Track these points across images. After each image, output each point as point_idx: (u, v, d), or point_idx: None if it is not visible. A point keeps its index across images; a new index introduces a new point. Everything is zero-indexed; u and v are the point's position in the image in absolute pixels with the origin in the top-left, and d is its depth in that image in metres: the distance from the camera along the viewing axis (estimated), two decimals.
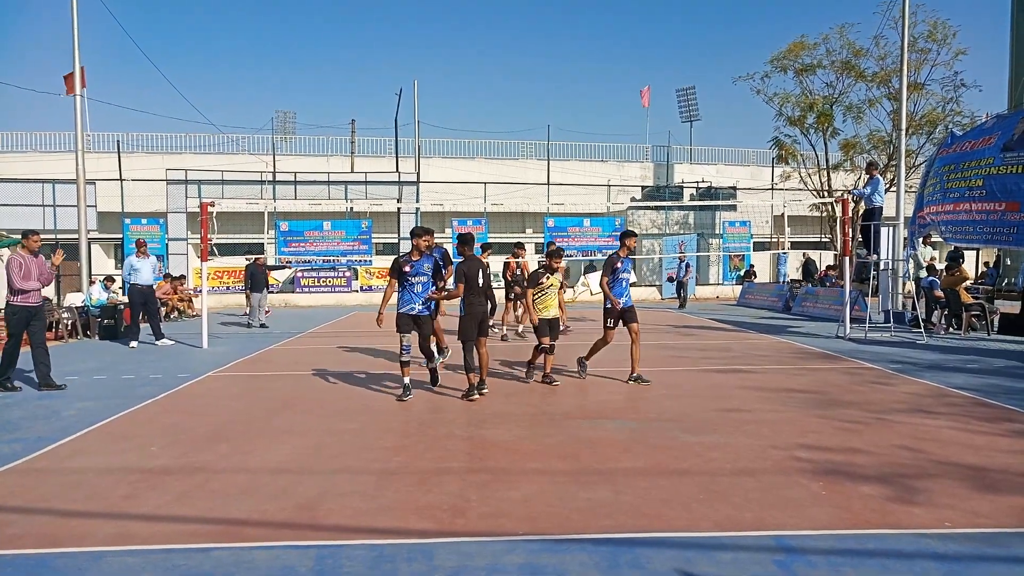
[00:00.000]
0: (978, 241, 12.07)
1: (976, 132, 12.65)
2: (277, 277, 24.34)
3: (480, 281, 7.71)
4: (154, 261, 13.19)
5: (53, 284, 23.15)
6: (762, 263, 29.54)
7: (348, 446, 5.84)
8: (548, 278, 8.45)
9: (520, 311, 13.47)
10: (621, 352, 8.84)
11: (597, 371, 8.97)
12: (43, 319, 8.78)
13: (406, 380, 7.63)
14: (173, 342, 12.68)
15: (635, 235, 8.61)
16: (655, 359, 10.57)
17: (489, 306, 8.11)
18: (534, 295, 8.43)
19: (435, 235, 8.54)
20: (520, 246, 13.77)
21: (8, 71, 69.02)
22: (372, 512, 4.30)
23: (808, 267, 23.84)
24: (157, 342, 12.58)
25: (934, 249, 16.90)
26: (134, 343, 12.52)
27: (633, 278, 22.99)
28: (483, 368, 7.76)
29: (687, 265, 21.85)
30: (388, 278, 7.91)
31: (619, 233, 8.78)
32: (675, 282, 21.85)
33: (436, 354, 8.34)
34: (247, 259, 17.01)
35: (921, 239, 14.08)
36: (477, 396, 7.50)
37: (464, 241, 7.86)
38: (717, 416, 6.74)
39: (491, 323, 8.35)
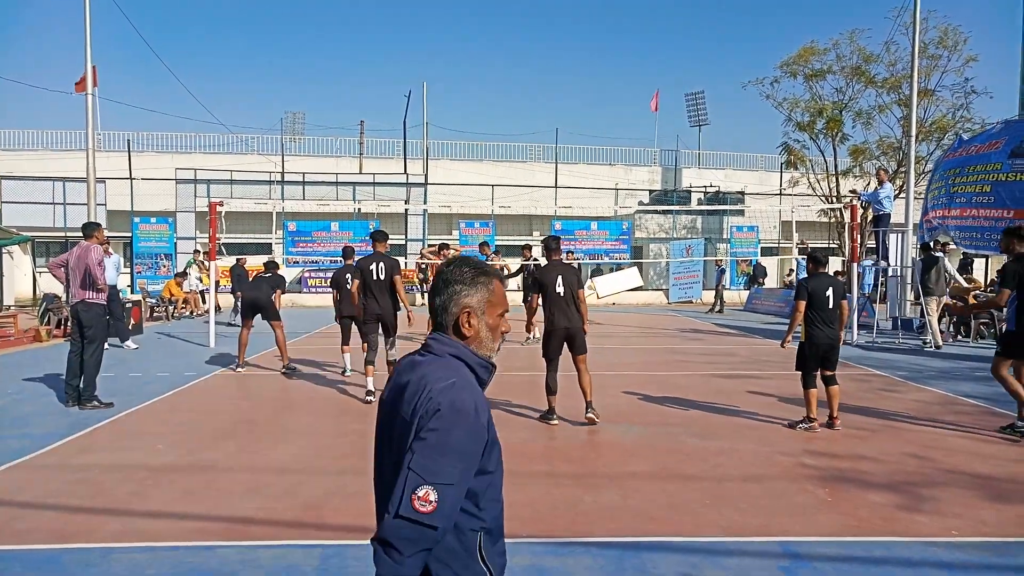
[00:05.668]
0: (988, 248, 12.02)
1: (983, 136, 12.60)
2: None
3: (560, 290, 6.65)
4: (115, 260, 12.36)
5: (62, 282, 23.45)
6: (769, 268, 29.43)
7: (354, 446, 5.86)
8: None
9: None
10: (621, 355, 8.78)
11: (599, 372, 8.93)
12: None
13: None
14: (137, 346, 12.14)
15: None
16: (661, 363, 10.56)
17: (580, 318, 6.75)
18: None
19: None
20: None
21: (19, 70, 69.52)
22: None
23: (756, 271, 24.32)
24: (122, 344, 12.04)
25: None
26: (130, 343, 12.12)
27: (639, 282, 22.31)
28: (586, 390, 6.65)
29: (721, 271, 22.28)
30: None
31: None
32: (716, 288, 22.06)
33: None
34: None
35: (932, 243, 14.01)
36: (556, 421, 6.63)
37: (547, 246, 7.02)
38: (724, 421, 6.73)
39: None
